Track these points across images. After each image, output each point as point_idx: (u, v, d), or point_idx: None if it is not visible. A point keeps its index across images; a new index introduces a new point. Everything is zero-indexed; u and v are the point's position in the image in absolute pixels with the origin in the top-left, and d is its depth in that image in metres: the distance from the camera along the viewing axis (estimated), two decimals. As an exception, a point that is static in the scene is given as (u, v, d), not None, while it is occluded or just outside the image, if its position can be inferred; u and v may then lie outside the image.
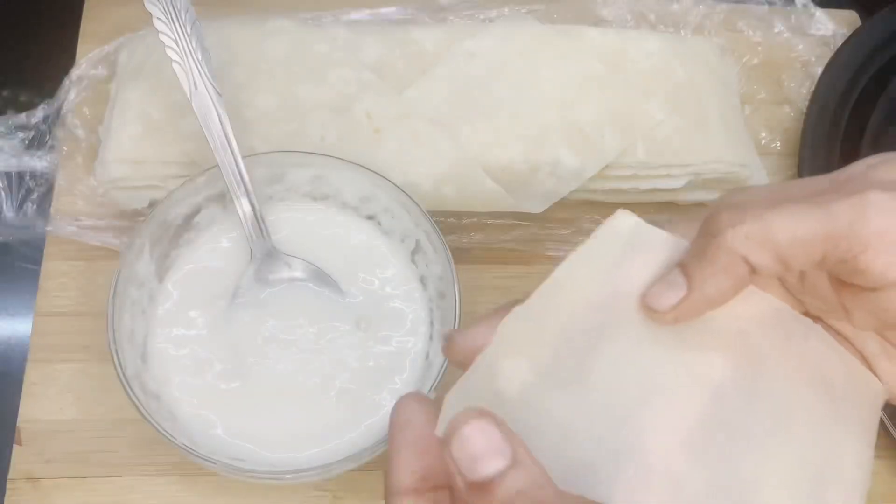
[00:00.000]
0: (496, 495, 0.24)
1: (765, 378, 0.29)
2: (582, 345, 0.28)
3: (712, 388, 0.28)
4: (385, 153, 0.50)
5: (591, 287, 0.29)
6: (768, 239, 0.26)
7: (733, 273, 0.27)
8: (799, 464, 0.28)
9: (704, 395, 0.28)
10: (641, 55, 0.55)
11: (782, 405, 0.29)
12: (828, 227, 0.26)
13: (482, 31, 0.55)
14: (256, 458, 0.42)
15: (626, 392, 0.28)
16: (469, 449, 0.24)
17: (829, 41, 0.64)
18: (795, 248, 0.26)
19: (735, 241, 0.27)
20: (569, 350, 0.28)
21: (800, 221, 0.26)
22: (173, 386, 0.44)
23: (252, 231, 0.46)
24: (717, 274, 0.27)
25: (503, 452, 0.24)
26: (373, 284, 0.48)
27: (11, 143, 0.53)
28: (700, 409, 0.28)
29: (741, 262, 0.27)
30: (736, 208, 0.27)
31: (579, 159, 0.52)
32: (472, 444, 0.24)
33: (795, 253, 0.26)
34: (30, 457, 0.45)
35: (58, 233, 0.51)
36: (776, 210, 0.26)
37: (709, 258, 0.27)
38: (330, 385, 0.44)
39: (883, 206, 0.25)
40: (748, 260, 0.27)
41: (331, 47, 0.53)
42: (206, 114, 0.44)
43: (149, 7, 0.43)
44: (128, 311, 0.43)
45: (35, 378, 0.47)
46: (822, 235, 0.26)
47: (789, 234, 0.26)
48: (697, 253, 0.28)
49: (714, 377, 0.28)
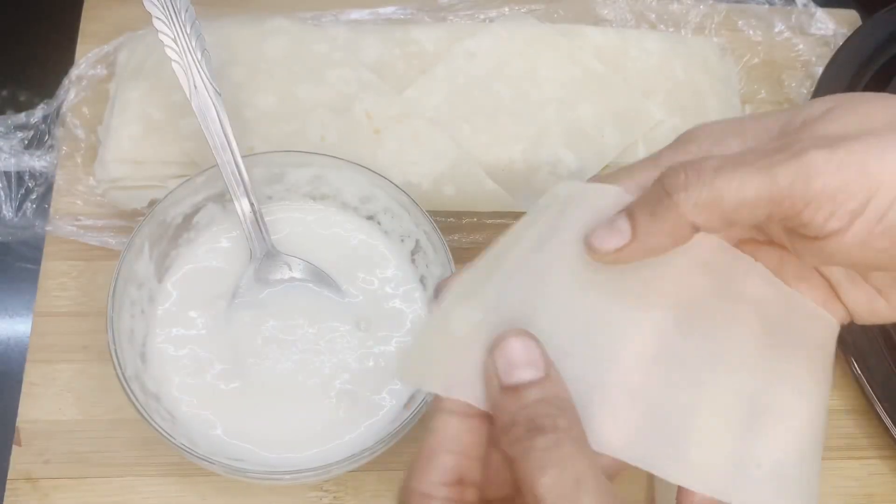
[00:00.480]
0: (524, 399, 0.27)
1: (704, 315, 0.31)
2: (526, 287, 0.30)
3: (652, 326, 0.30)
4: (385, 153, 0.50)
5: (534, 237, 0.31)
6: (716, 205, 0.28)
7: (678, 233, 0.29)
8: (733, 393, 0.30)
9: (645, 333, 0.30)
10: (641, 55, 0.55)
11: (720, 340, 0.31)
12: (772, 190, 0.28)
13: (482, 30, 0.55)
14: (256, 459, 0.42)
15: (569, 330, 0.30)
16: (510, 357, 0.28)
17: (829, 41, 0.64)
18: (742, 211, 0.28)
19: (685, 206, 0.28)
20: (514, 292, 0.30)
21: (746, 186, 0.28)
22: (173, 386, 0.44)
23: (252, 231, 0.46)
24: (661, 232, 0.29)
25: (538, 366, 0.28)
26: (372, 284, 0.48)
27: (11, 142, 0.53)
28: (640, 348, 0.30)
29: (688, 226, 0.29)
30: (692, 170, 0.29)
31: (579, 159, 0.52)
32: (513, 354, 0.28)
33: (741, 215, 0.28)
34: (29, 457, 0.45)
35: (57, 233, 0.51)
36: (724, 175, 0.28)
37: (658, 215, 0.29)
38: (330, 385, 0.44)
39: (822, 166, 0.27)
40: (695, 223, 0.29)
41: (330, 47, 0.53)
42: (205, 113, 0.44)
43: (148, 7, 0.43)
44: (127, 311, 0.43)
45: (35, 378, 0.47)
46: (765, 198, 0.28)
47: (735, 200, 0.28)
48: (647, 205, 0.30)
49: (655, 316, 0.31)
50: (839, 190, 0.27)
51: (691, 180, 0.28)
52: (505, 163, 0.51)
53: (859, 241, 0.28)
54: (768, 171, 0.28)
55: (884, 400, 0.49)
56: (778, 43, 0.63)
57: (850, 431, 0.51)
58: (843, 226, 0.28)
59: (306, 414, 0.44)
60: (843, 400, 0.52)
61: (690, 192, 0.28)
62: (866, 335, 0.51)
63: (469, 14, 0.60)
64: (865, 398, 0.50)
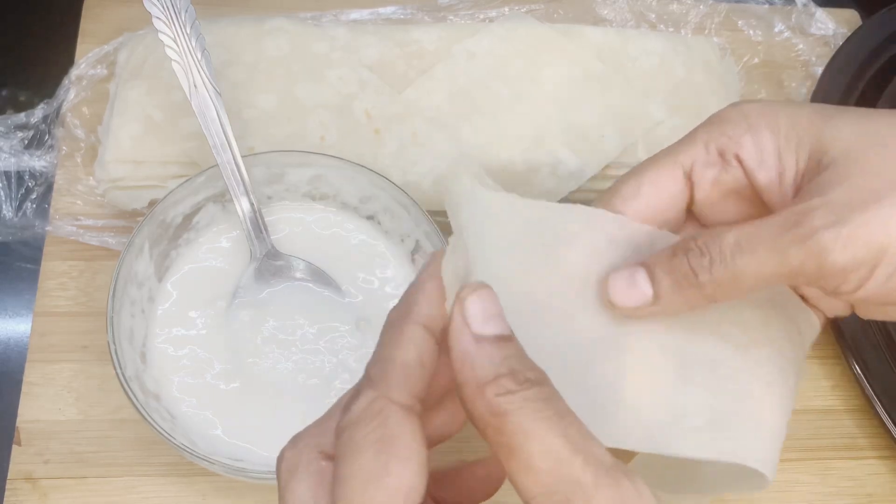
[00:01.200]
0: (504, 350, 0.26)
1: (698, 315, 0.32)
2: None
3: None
4: (385, 153, 0.50)
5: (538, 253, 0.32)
6: (736, 284, 0.30)
7: (696, 304, 0.31)
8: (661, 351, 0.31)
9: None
10: (641, 55, 0.55)
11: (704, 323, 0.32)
12: (786, 269, 0.29)
13: (482, 30, 0.55)
14: (255, 459, 0.42)
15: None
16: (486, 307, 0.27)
17: (829, 41, 0.64)
18: (760, 285, 0.30)
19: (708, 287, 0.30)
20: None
21: (763, 266, 0.30)
22: (173, 386, 0.44)
23: (252, 231, 0.46)
24: (683, 303, 0.31)
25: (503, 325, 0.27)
26: (372, 284, 0.48)
27: (11, 142, 0.53)
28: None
29: (708, 299, 0.31)
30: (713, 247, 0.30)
31: (579, 159, 0.52)
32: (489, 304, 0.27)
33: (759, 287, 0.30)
34: (29, 457, 0.45)
35: (57, 233, 0.51)
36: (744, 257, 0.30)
37: (682, 290, 0.30)
38: (330, 385, 0.44)
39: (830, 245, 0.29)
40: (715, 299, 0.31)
41: (330, 47, 0.53)
42: (205, 113, 0.44)
43: (148, 7, 0.43)
44: (127, 311, 0.43)
45: (34, 378, 0.47)
46: (783, 276, 0.30)
47: (754, 278, 0.30)
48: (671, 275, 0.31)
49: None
50: (847, 264, 0.29)
51: (714, 260, 0.30)
52: (505, 163, 0.51)
53: (870, 297, 0.30)
54: (782, 253, 0.29)
55: (884, 399, 0.49)
56: (778, 43, 0.63)
57: (850, 431, 0.51)
58: (852, 289, 0.30)
59: (306, 414, 0.43)
60: (843, 399, 0.52)
61: (713, 275, 0.30)
62: (866, 335, 0.51)
63: (469, 14, 0.60)
64: (865, 398, 0.50)
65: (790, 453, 0.49)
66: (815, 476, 0.49)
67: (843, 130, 0.32)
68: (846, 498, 0.49)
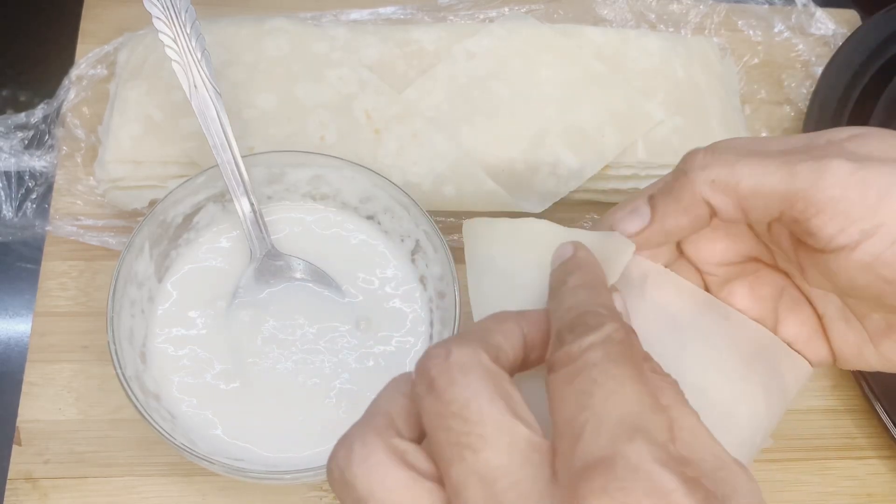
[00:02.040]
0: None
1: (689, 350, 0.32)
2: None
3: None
4: (385, 153, 0.50)
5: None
6: (731, 187, 0.28)
7: (694, 212, 0.29)
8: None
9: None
10: (641, 55, 0.55)
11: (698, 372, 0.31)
12: (788, 186, 0.27)
13: (482, 31, 0.55)
14: (256, 459, 0.42)
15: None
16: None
17: (829, 41, 0.64)
18: (756, 200, 0.28)
19: (700, 184, 0.29)
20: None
21: (764, 175, 0.28)
22: (173, 386, 0.44)
23: (252, 231, 0.46)
24: (679, 211, 0.29)
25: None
26: (373, 284, 0.48)
27: (11, 142, 0.53)
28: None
29: (702, 204, 0.29)
30: (712, 152, 0.29)
31: (579, 159, 0.52)
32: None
33: (755, 205, 0.28)
34: (29, 457, 0.45)
35: (57, 233, 0.51)
36: (745, 161, 0.28)
37: (674, 195, 0.29)
38: (330, 385, 0.44)
39: (842, 175, 0.27)
40: (710, 202, 0.29)
41: (330, 47, 0.53)
42: (205, 113, 0.44)
43: (148, 7, 0.43)
44: (127, 311, 0.43)
45: (34, 378, 0.47)
46: (781, 192, 0.27)
47: (752, 185, 0.28)
48: (666, 187, 0.30)
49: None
50: (854, 205, 0.27)
51: (709, 160, 0.29)
52: (505, 163, 0.51)
53: (865, 263, 0.27)
54: (790, 166, 0.27)
55: (883, 399, 0.49)
56: (778, 43, 0.63)
57: (850, 431, 0.51)
58: (850, 243, 0.27)
59: (306, 414, 0.44)
60: (842, 400, 0.52)
61: (708, 171, 0.28)
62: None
63: (469, 14, 0.60)
64: (865, 398, 0.50)
65: (790, 453, 0.49)
66: (815, 476, 0.49)
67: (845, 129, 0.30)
68: (846, 498, 0.49)
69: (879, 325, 0.32)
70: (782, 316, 0.34)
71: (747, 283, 0.34)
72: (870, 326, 0.32)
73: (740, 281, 0.34)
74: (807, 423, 0.51)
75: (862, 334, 0.32)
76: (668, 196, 0.30)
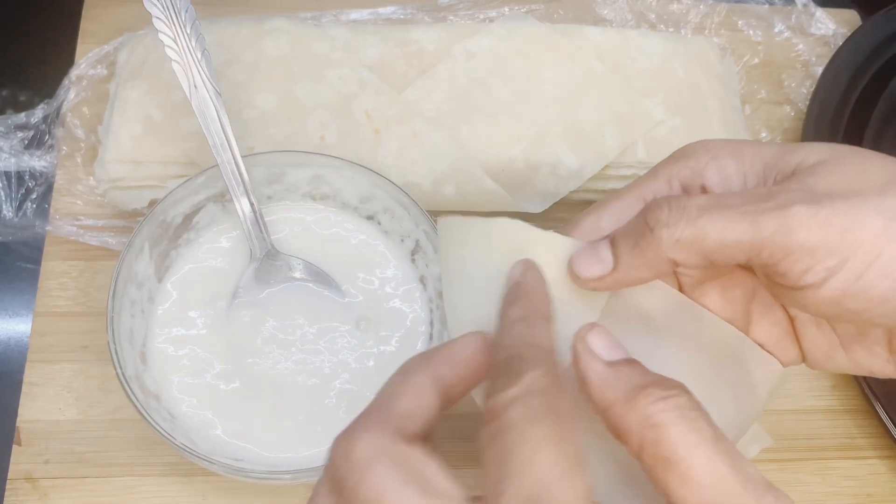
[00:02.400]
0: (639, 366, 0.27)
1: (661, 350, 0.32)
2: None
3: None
4: (385, 153, 0.50)
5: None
6: (696, 244, 0.28)
7: (657, 268, 0.30)
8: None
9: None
10: (641, 55, 0.55)
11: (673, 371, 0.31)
12: (753, 237, 0.28)
13: (482, 30, 0.55)
14: (255, 459, 0.42)
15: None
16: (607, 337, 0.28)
17: (829, 41, 0.64)
18: (722, 253, 0.29)
19: (666, 243, 0.29)
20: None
21: (729, 229, 0.28)
22: (173, 386, 0.44)
23: (252, 231, 0.46)
24: (642, 265, 0.30)
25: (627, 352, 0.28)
26: (373, 284, 0.48)
27: (11, 142, 0.53)
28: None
29: (667, 262, 0.29)
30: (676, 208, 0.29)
31: (579, 159, 0.52)
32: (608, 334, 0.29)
33: (721, 256, 0.29)
34: (29, 457, 0.45)
35: (57, 233, 0.51)
36: (708, 215, 0.28)
37: (640, 248, 0.30)
38: (330, 385, 0.44)
39: (804, 220, 0.27)
40: (675, 260, 0.29)
41: (330, 47, 0.53)
42: (205, 113, 0.44)
43: (148, 7, 0.43)
44: (127, 311, 0.43)
45: (34, 378, 0.47)
46: (748, 243, 0.28)
47: (717, 240, 0.28)
48: (630, 237, 0.30)
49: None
50: (819, 246, 0.27)
51: (674, 217, 0.29)
52: (505, 163, 0.51)
53: (833, 298, 0.28)
54: (752, 217, 0.28)
55: (883, 399, 0.49)
56: (778, 43, 0.63)
57: (850, 431, 0.51)
58: (818, 281, 0.28)
59: (306, 414, 0.44)
60: (842, 400, 0.52)
61: (672, 230, 0.29)
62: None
63: (469, 14, 0.60)
64: (865, 398, 0.50)
65: (790, 453, 0.50)
66: (815, 476, 0.49)
67: (815, 149, 0.31)
68: (846, 498, 0.49)
69: (850, 332, 0.32)
70: (754, 318, 0.34)
71: (719, 285, 0.34)
72: (841, 333, 0.33)
73: (712, 283, 0.34)
74: (807, 423, 0.51)
75: (833, 339, 0.33)
76: (634, 249, 0.30)
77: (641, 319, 0.33)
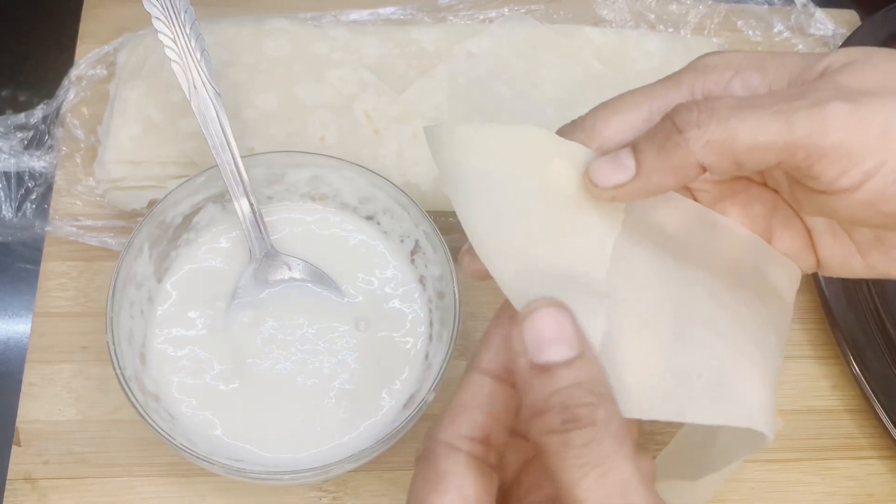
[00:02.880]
0: (557, 382, 0.25)
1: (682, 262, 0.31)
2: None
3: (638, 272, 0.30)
4: (385, 153, 0.50)
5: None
6: (728, 146, 0.27)
7: (682, 173, 0.28)
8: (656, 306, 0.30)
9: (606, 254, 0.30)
10: (641, 55, 0.55)
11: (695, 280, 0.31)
12: (787, 138, 0.26)
13: (482, 31, 0.55)
14: (255, 459, 0.42)
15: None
16: (539, 333, 0.25)
17: (828, 41, 0.64)
18: (753, 155, 0.27)
19: (695, 144, 0.27)
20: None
21: (762, 130, 0.26)
22: (172, 386, 0.44)
23: (251, 231, 0.46)
24: (667, 170, 0.28)
25: (571, 344, 0.26)
26: (372, 284, 0.48)
27: (11, 142, 0.53)
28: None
29: (695, 166, 0.27)
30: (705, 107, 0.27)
31: (579, 159, 0.52)
32: (543, 330, 0.26)
33: (752, 159, 0.27)
34: (28, 457, 0.45)
35: (57, 233, 0.51)
36: (739, 115, 0.27)
37: (666, 151, 0.27)
38: (329, 385, 0.44)
39: (841, 118, 0.26)
40: (703, 164, 0.27)
41: (330, 47, 0.53)
42: (205, 114, 0.44)
43: (148, 7, 0.43)
44: (126, 311, 0.43)
45: (34, 378, 0.47)
46: (780, 144, 0.26)
47: (749, 142, 0.27)
48: (655, 140, 0.28)
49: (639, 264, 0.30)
50: (856, 147, 0.26)
51: (704, 118, 0.27)
52: (505, 163, 0.51)
53: (867, 202, 0.27)
54: (787, 116, 0.26)
55: (883, 399, 0.49)
56: (777, 43, 0.63)
57: (850, 431, 0.51)
58: (853, 184, 0.27)
59: (306, 414, 0.44)
60: (842, 399, 0.52)
61: (702, 130, 0.27)
62: (865, 335, 0.51)
63: (469, 14, 0.60)
64: (864, 398, 0.50)
65: (790, 453, 0.49)
66: (815, 476, 0.49)
67: (841, 53, 0.29)
68: (846, 498, 0.49)
69: (868, 237, 0.32)
70: (776, 233, 0.33)
71: (739, 202, 0.33)
72: (858, 239, 0.32)
73: (732, 199, 0.33)
74: (807, 423, 0.51)
75: (849, 246, 0.32)
76: (659, 153, 0.28)
77: (660, 234, 0.32)
